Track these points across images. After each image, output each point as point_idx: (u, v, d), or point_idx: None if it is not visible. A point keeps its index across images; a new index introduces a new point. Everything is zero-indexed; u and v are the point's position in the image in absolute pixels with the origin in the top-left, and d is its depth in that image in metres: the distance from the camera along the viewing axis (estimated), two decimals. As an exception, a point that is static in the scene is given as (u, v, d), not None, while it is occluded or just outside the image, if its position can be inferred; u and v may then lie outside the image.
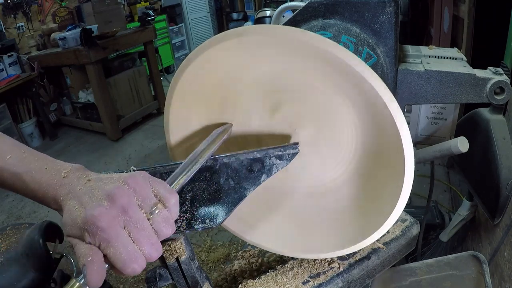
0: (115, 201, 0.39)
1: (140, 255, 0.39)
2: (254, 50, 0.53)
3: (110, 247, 0.38)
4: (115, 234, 0.38)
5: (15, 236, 1.25)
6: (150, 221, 0.40)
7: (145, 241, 0.39)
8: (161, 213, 0.41)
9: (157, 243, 0.41)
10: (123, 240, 0.38)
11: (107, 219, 0.38)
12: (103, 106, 3.64)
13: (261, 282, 0.68)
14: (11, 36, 4.05)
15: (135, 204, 0.40)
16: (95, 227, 0.38)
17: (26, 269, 1.13)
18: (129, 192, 0.41)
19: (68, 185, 0.43)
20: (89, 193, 0.41)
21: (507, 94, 0.73)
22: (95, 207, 0.39)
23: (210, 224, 0.53)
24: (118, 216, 0.39)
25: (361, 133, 0.59)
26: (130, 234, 0.39)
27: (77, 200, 0.41)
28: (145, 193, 0.41)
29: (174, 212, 0.43)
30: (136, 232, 0.39)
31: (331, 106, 0.58)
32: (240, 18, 5.52)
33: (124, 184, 0.41)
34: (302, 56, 0.52)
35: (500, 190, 1.00)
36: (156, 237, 0.41)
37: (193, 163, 0.50)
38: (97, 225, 0.38)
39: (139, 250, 0.39)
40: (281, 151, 0.55)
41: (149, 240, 0.40)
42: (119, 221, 0.39)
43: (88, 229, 0.38)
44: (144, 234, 0.40)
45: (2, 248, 1.19)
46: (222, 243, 2.27)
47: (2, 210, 2.96)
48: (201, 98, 0.61)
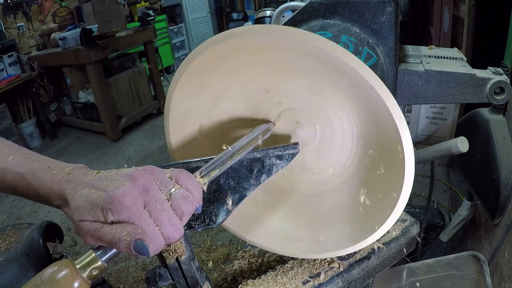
0: (136, 180, 0.41)
1: (159, 236, 0.40)
2: (250, 50, 0.53)
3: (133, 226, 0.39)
4: (139, 213, 0.39)
5: (15, 236, 1.25)
6: (169, 202, 0.41)
7: (166, 221, 0.40)
8: (179, 191, 0.42)
9: (178, 223, 0.41)
10: (146, 220, 0.39)
11: (131, 198, 0.39)
12: (103, 106, 3.64)
13: (261, 282, 0.68)
14: (11, 36, 4.05)
15: (155, 185, 0.42)
16: (120, 206, 0.38)
17: (26, 269, 1.13)
18: (148, 175, 0.42)
19: (74, 180, 0.43)
20: (105, 178, 0.42)
21: (507, 94, 0.73)
22: (119, 187, 0.40)
23: (210, 224, 0.53)
24: (140, 196, 0.40)
25: (362, 133, 0.59)
26: (150, 214, 0.40)
27: (92, 187, 0.41)
28: (161, 176, 0.43)
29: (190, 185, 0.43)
30: (156, 212, 0.40)
31: (331, 106, 0.58)
32: (240, 18, 5.52)
33: (142, 168, 0.43)
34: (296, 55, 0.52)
35: (500, 190, 1.00)
36: (177, 218, 0.41)
37: (229, 157, 0.51)
38: (122, 203, 0.38)
39: (159, 231, 0.40)
40: (281, 151, 0.55)
41: (170, 220, 0.41)
42: (141, 200, 0.40)
43: (113, 208, 0.39)
44: (165, 214, 0.40)
45: (2, 248, 1.19)
46: (222, 243, 2.27)
47: (2, 210, 2.96)
48: (201, 98, 0.61)
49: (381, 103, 0.48)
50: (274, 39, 0.49)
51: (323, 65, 0.51)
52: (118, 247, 0.39)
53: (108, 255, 0.41)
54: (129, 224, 0.39)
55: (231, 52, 0.53)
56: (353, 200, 0.63)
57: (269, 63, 0.56)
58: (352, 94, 0.55)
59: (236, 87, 0.60)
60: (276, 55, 0.54)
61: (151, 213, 0.40)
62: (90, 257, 0.40)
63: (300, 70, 0.56)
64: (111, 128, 3.78)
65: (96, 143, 3.92)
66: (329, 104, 0.58)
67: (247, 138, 0.55)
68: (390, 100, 0.47)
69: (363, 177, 0.61)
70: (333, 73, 0.52)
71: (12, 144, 0.51)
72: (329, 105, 0.58)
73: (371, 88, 0.47)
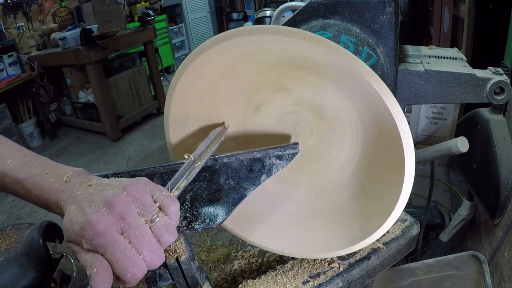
0: (113, 207, 0.39)
1: (140, 260, 0.39)
2: (251, 51, 0.53)
3: (108, 253, 0.38)
4: (112, 239, 0.38)
5: (15, 236, 1.25)
6: (151, 229, 0.40)
7: (146, 248, 0.39)
8: (162, 220, 0.41)
9: (159, 250, 0.40)
10: (121, 245, 0.38)
11: (103, 224, 0.38)
12: (103, 106, 3.64)
13: (261, 282, 0.68)
14: (11, 36, 4.05)
15: (134, 211, 0.40)
16: (92, 232, 0.38)
17: (26, 269, 1.13)
18: (128, 199, 0.40)
19: (69, 190, 0.43)
20: (88, 198, 0.41)
21: (507, 94, 0.73)
22: (93, 213, 0.39)
23: (210, 224, 0.53)
24: (115, 222, 0.39)
25: (362, 133, 0.59)
26: (130, 240, 0.39)
27: (77, 206, 0.41)
28: (145, 200, 0.41)
29: (175, 219, 0.42)
30: (136, 238, 0.39)
31: (332, 106, 0.58)
32: (240, 18, 5.51)
33: (124, 191, 0.41)
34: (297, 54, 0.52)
35: (500, 190, 1.00)
36: (157, 244, 0.40)
37: (192, 166, 0.50)
38: (94, 230, 0.38)
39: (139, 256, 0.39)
40: (281, 151, 0.55)
41: (150, 247, 0.39)
42: (116, 227, 0.39)
43: (85, 235, 0.38)
44: (144, 240, 0.39)
45: (2, 248, 1.19)
46: (222, 243, 2.27)
47: (2, 210, 2.96)
48: (201, 98, 0.61)
49: (381, 102, 0.48)
50: (273, 40, 0.49)
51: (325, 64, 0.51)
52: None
53: None
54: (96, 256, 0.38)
55: (231, 52, 0.53)
56: (353, 200, 0.63)
57: (269, 63, 0.56)
58: (351, 94, 0.55)
59: (237, 87, 0.60)
60: (276, 55, 0.54)
61: (130, 240, 0.39)
62: None
63: (303, 70, 0.56)
64: (111, 128, 3.78)
65: (96, 143, 3.92)
66: (329, 103, 0.58)
67: (205, 144, 0.55)
68: (390, 100, 0.47)
69: (363, 177, 0.61)
70: (332, 72, 0.52)
71: (12, 144, 0.50)
72: (329, 104, 0.58)
73: (371, 88, 0.47)
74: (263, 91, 0.60)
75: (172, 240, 0.41)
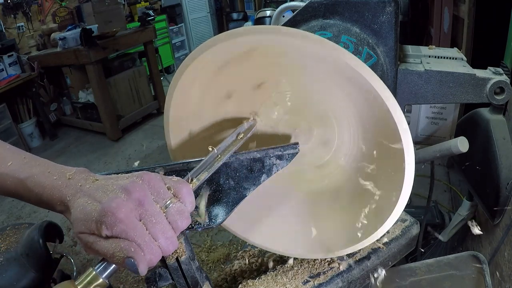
0: (131, 193, 0.40)
1: (156, 246, 0.40)
2: (251, 51, 0.53)
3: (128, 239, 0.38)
4: (133, 225, 0.39)
5: (15, 236, 1.25)
6: (165, 215, 0.41)
7: (161, 234, 0.40)
8: (175, 205, 0.42)
9: (173, 237, 0.41)
10: (140, 231, 0.39)
11: (125, 210, 0.39)
12: (103, 106, 3.64)
13: (261, 282, 0.68)
14: (11, 36, 4.05)
15: (150, 198, 0.41)
16: (113, 218, 0.38)
17: (26, 269, 1.13)
18: (144, 187, 0.41)
19: (75, 186, 0.43)
20: (102, 188, 0.41)
21: (507, 94, 0.73)
22: (113, 199, 0.39)
23: (210, 224, 0.53)
24: (135, 209, 0.40)
25: (362, 133, 0.59)
26: (146, 227, 0.40)
27: (89, 197, 0.41)
28: (159, 187, 0.42)
29: (189, 202, 0.43)
30: (152, 225, 0.40)
31: (332, 107, 0.58)
32: (240, 18, 5.51)
33: (139, 179, 0.42)
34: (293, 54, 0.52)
35: (500, 190, 1.00)
36: (171, 231, 0.41)
37: (215, 159, 0.51)
38: (115, 216, 0.38)
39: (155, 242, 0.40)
40: (281, 151, 0.55)
41: (164, 233, 0.40)
42: (135, 213, 0.40)
43: (106, 221, 0.38)
44: (160, 227, 0.40)
45: (2, 248, 1.19)
46: (222, 243, 2.27)
47: (2, 210, 2.95)
48: (201, 98, 0.61)
49: (381, 102, 0.48)
50: (273, 40, 0.49)
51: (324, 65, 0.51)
52: (113, 262, 0.39)
53: (108, 271, 0.41)
54: (124, 240, 0.38)
55: (232, 53, 0.53)
56: (352, 200, 0.63)
57: (270, 63, 0.56)
58: (351, 93, 0.55)
59: (238, 87, 0.60)
60: (277, 55, 0.54)
61: (146, 226, 0.40)
62: (91, 275, 0.40)
63: (303, 70, 0.56)
64: (111, 128, 3.78)
65: (96, 143, 3.92)
66: (329, 104, 0.58)
67: (231, 138, 0.55)
68: (390, 100, 0.47)
69: (363, 177, 0.61)
70: (332, 72, 0.52)
71: (11, 148, 0.50)
72: (329, 105, 0.58)
73: (371, 88, 0.47)
74: (264, 91, 0.60)
75: (185, 226, 0.42)
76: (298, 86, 0.58)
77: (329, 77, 0.54)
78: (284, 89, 0.59)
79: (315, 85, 0.57)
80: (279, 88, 0.60)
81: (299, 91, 0.59)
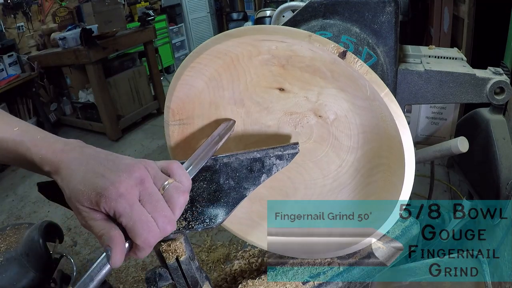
0: (132, 173, 0.41)
1: (154, 226, 0.40)
2: (252, 51, 0.53)
3: (125, 216, 0.39)
4: (131, 202, 0.40)
5: (15, 236, 1.25)
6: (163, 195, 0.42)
7: (159, 214, 0.41)
8: (172, 183, 0.43)
9: (171, 216, 0.42)
10: (138, 209, 0.40)
11: (125, 186, 0.40)
12: (103, 106, 3.64)
13: (261, 282, 0.67)
14: (11, 36, 4.05)
15: (150, 178, 0.43)
16: (114, 193, 0.39)
17: (26, 269, 1.13)
18: (144, 167, 0.43)
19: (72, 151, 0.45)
20: (105, 163, 0.43)
21: (507, 94, 0.73)
22: (116, 176, 0.41)
23: (210, 224, 0.53)
24: (135, 186, 0.41)
25: (362, 133, 0.59)
26: (144, 206, 0.41)
27: (91, 169, 0.42)
28: (156, 170, 0.44)
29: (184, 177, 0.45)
30: (150, 204, 0.41)
31: (332, 106, 0.58)
32: (240, 18, 5.51)
33: (138, 162, 0.44)
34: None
35: (500, 190, 1.00)
36: (169, 210, 0.42)
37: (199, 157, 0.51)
38: (117, 190, 0.39)
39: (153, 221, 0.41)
40: (281, 151, 0.54)
41: (163, 212, 0.41)
42: (136, 191, 0.41)
43: (108, 195, 0.39)
44: (158, 205, 0.41)
45: (2, 248, 1.19)
46: (222, 243, 2.27)
47: (2, 210, 2.95)
48: (201, 98, 0.61)
49: (381, 103, 0.48)
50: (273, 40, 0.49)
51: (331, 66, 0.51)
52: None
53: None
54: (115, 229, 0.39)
55: (232, 52, 0.53)
56: (352, 200, 0.63)
57: (270, 63, 0.56)
58: (351, 94, 0.55)
59: (238, 87, 0.60)
60: (277, 55, 0.54)
61: (144, 205, 0.41)
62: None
63: (304, 70, 0.56)
64: (111, 128, 3.78)
65: (96, 143, 3.89)
66: (329, 104, 0.58)
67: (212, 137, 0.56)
68: (390, 100, 0.47)
69: (364, 177, 0.61)
70: (331, 71, 0.52)
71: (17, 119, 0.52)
72: (329, 105, 0.58)
73: (371, 87, 0.47)
74: (264, 91, 0.60)
75: (183, 202, 0.44)
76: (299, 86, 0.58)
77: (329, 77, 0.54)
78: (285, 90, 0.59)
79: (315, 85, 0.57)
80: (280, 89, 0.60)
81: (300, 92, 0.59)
